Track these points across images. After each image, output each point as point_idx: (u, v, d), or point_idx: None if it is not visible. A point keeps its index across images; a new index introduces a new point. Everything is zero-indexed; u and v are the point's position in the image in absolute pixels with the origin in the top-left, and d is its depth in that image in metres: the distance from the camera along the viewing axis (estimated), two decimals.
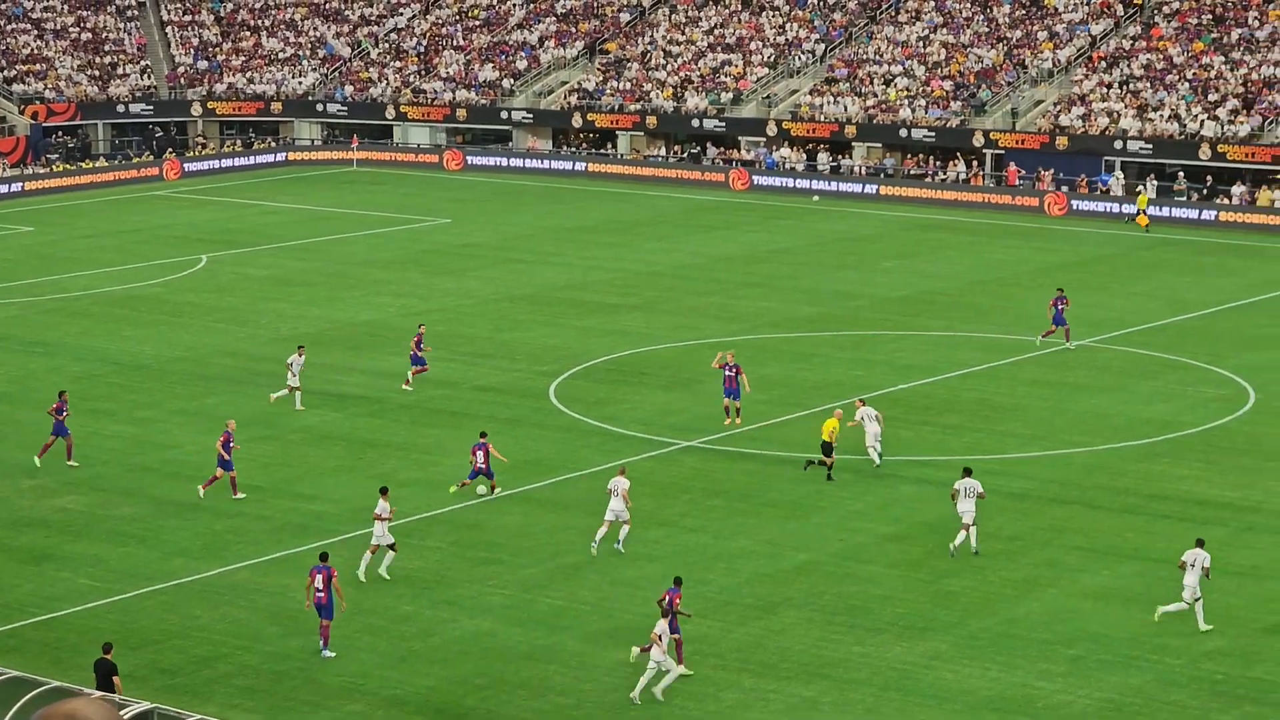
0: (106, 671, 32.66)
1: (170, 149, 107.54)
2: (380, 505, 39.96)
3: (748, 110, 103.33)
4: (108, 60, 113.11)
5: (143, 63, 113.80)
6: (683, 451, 49.65)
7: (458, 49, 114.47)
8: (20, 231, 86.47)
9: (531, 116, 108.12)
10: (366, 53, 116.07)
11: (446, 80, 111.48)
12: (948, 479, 45.48)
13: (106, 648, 33.14)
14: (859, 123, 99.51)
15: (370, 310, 67.66)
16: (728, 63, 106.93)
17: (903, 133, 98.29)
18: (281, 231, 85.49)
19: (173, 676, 35.06)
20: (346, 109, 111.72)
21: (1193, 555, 37.36)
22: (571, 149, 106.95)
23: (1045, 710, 33.70)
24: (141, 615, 38.21)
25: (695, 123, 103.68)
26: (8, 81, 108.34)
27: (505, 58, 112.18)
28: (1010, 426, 52.07)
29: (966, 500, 41.37)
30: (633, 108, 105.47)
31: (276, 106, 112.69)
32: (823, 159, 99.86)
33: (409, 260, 77.86)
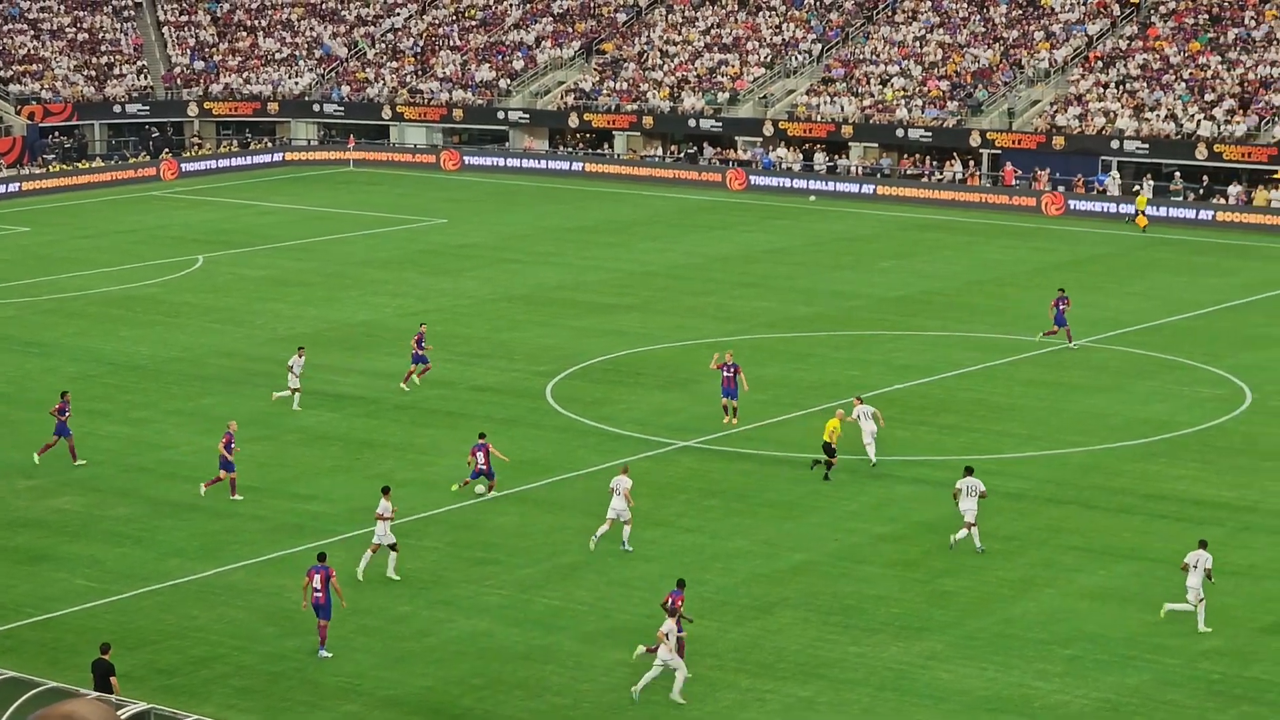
0: (104, 672, 32.62)
1: (167, 149, 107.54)
2: (382, 505, 39.97)
3: (744, 110, 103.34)
4: (104, 61, 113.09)
5: (139, 63, 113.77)
6: (679, 452, 49.65)
7: (454, 49, 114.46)
8: (17, 232, 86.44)
9: (528, 117, 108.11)
10: (363, 53, 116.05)
11: (443, 80, 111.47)
12: (944, 479, 45.54)
13: (104, 648, 33.08)
14: (856, 123, 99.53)
15: (367, 310, 67.66)
16: (724, 63, 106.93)
17: (899, 133, 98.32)
18: (278, 232, 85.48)
19: (169, 677, 35.06)
20: (343, 109, 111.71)
21: (1195, 557, 37.33)
22: (568, 149, 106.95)
23: (1042, 710, 33.69)
24: (138, 616, 38.20)
25: (692, 123, 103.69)
26: (4, 82, 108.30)
27: (502, 58, 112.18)
28: (1007, 426, 52.08)
29: (968, 499, 41.41)
30: (629, 108, 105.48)
31: (273, 107, 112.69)
32: (819, 159, 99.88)
33: (406, 260, 77.86)
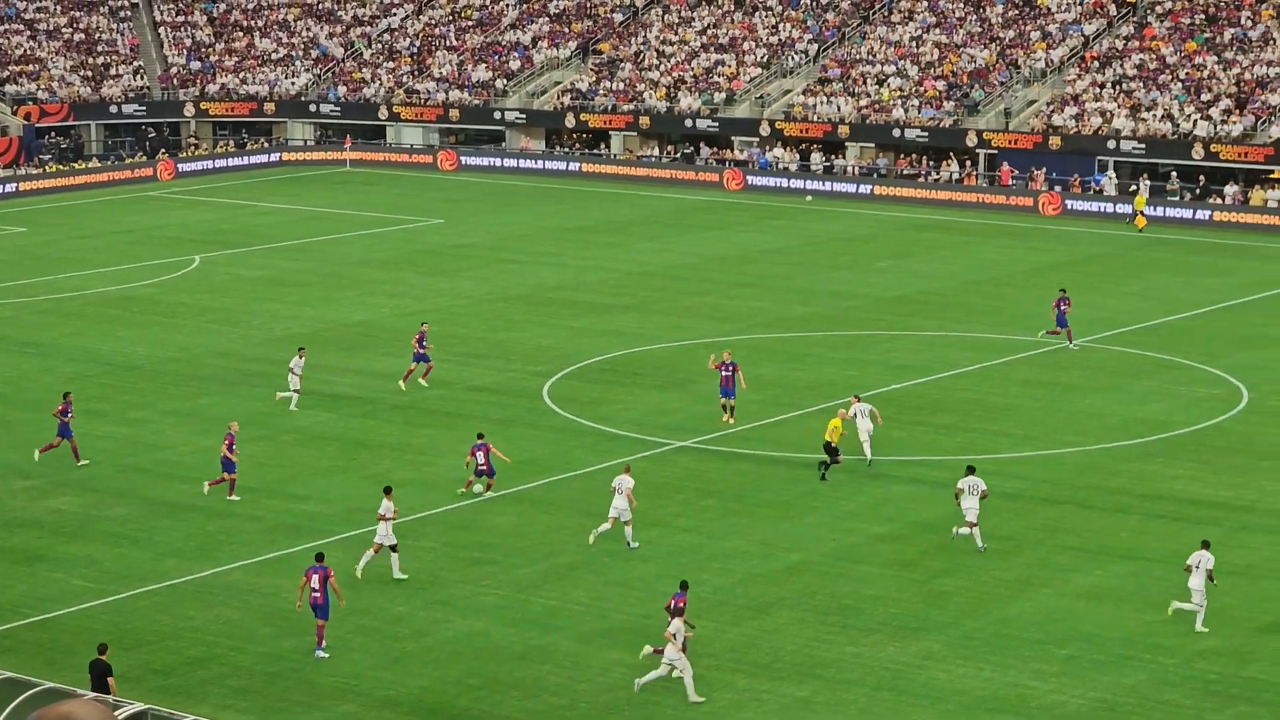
0: (101, 672, 32.62)
1: (163, 149, 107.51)
2: (384, 505, 40.01)
3: (741, 110, 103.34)
4: (101, 61, 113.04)
5: (136, 63, 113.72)
6: (676, 452, 49.65)
7: (451, 49, 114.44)
8: (14, 232, 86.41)
9: (525, 117, 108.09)
10: (359, 53, 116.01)
11: (440, 80, 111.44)
12: (941, 479, 45.58)
13: (102, 648, 33.07)
14: (852, 123, 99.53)
15: (364, 311, 67.65)
16: (721, 63, 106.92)
17: (896, 133, 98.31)
18: (275, 232, 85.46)
19: (166, 677, 35.06)
20: (340, 109, 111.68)
21: (1197, 557, 37.33)
22: (565, 149, 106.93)
23: (1039, 710, 33.70)
24: (135, 616, 38.20)
25: (688, 123, 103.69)
26: (0, 82, 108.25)
27: (498, 58, 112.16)
28: (1003, 426, 52.09)
29: (970, 498, 41.45)
30: (626, 108, 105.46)
31: (270, 107, 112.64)
32: (816, 159, 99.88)
33: (402, 260, 77.85)
